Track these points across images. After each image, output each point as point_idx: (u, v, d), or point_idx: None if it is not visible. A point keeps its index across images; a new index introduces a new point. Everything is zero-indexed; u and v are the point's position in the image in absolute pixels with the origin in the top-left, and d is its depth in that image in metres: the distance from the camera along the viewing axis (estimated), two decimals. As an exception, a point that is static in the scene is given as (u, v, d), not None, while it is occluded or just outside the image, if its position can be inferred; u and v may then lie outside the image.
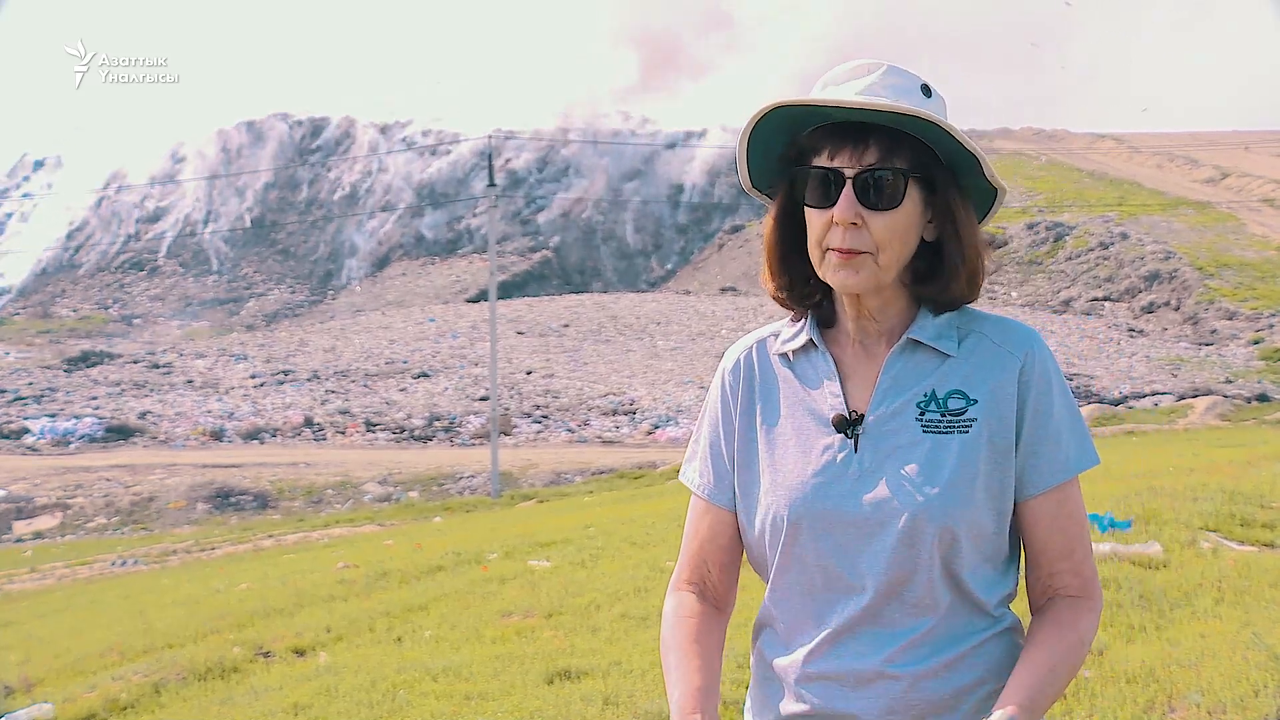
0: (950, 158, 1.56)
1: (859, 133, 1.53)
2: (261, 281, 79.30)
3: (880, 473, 1.53)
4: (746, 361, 1.69)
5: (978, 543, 1.53)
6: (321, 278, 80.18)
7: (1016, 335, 1.58)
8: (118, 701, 6.17)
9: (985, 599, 1.54)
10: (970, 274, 1.58)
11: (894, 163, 1.52)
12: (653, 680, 4.94)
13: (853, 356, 1.62)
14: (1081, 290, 49.43)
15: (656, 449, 29.02)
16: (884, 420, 1.56)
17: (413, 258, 79.85)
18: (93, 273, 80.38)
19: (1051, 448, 1.55)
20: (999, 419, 1.53)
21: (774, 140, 1.60)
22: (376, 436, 32.93)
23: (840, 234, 1.52)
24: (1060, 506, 1.56)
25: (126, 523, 24.84)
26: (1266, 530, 6.49)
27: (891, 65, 1.57)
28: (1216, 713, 3.71)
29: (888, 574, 1.51)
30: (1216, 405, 27.93)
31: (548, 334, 49.43)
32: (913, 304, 1.61)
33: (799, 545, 1.56)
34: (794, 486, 1.57)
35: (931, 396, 1.56)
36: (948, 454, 1.52)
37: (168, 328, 69.16)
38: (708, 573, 1.70)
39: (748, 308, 53.70)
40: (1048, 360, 1.57)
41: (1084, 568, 1.58)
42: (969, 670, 1.53)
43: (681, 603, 1.69)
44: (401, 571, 9.77)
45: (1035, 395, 1.54)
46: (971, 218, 1.60)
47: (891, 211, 1.52)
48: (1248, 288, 44.58)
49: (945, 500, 1.50)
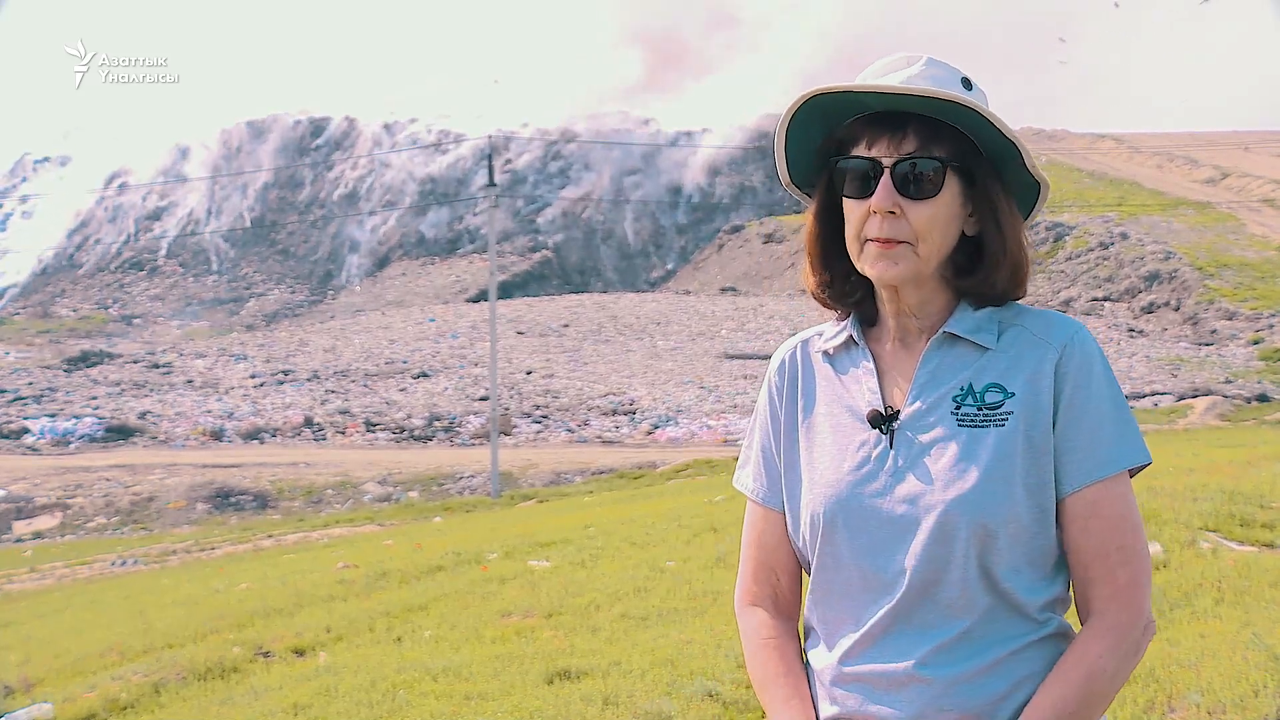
0: (991, 150, 1.54)
1: (898, 122, 1.51)
2: (261, 281, 79.30)
3: (914, 469, 1.51)
4: (791, 361, 1.68)
5: (1017, 541, 1.47)
6: (321, 278, 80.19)
7: (1057, 326, 1.54)
8: (117, 701, 6.17)
9: (1026, 602, 1.48)
10: (1013, 268, 1.55)
11: (933, 152, 1.50)
12: (653, 680, 4.94)
13: (892, 353, 1.60)
14: (1081, 290, 49.43)
15: (656, 449, 29.02)
16: (919, 415, 1.54)
17: (413, 258, 79.85)
18: (93, 272, 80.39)
19: (1088, 442, 1.49)
20: (1037, 411, 1.49)
21: (812, 134, 1.58)
22: (376, 436, 32.93)
23: (879, 223, 1.51)
24: (1095, 506, 1.48)
25: (126, 523, 24.83)
26: (1266, 530, 6.48)
27: (931, 58, 1.55)
28: (1216, 713, 3.70)
29: (919, 572, 1.48)
30: (1216, 405, 27.93)
31: (548, 334, 49.43)
32: (953, 300, 1.58)
33: (835, 543, 1.54)
34: (830, 484, 1.55)
35: (968, 390, 1.52)
36: (983, 448, 1.48)
37: (168, 328, 69.16)
38: (776, 581, 1.67)
39: (748, 308, 53.69)
40: (1091, 351, 1.52)
41: (1118, 575, 1.48)
42: (1005, 676, 1.47)
43: (761, 624, 1.66)
44: (401, 571, 9.77)
45: (1072, 387, 1.49)
46: (1014, 211, 1.57)
47: (930, 200, 1.50)
48: (1248, 288, 44.57)
49: (979, 495, 1.46)
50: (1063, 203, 60.71)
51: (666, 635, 5.80)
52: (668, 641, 5.64)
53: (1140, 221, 54.35)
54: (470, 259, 77.03)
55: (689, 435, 30.61)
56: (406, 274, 77.39)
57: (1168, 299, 45.74)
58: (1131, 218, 55.17)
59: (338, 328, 54.64)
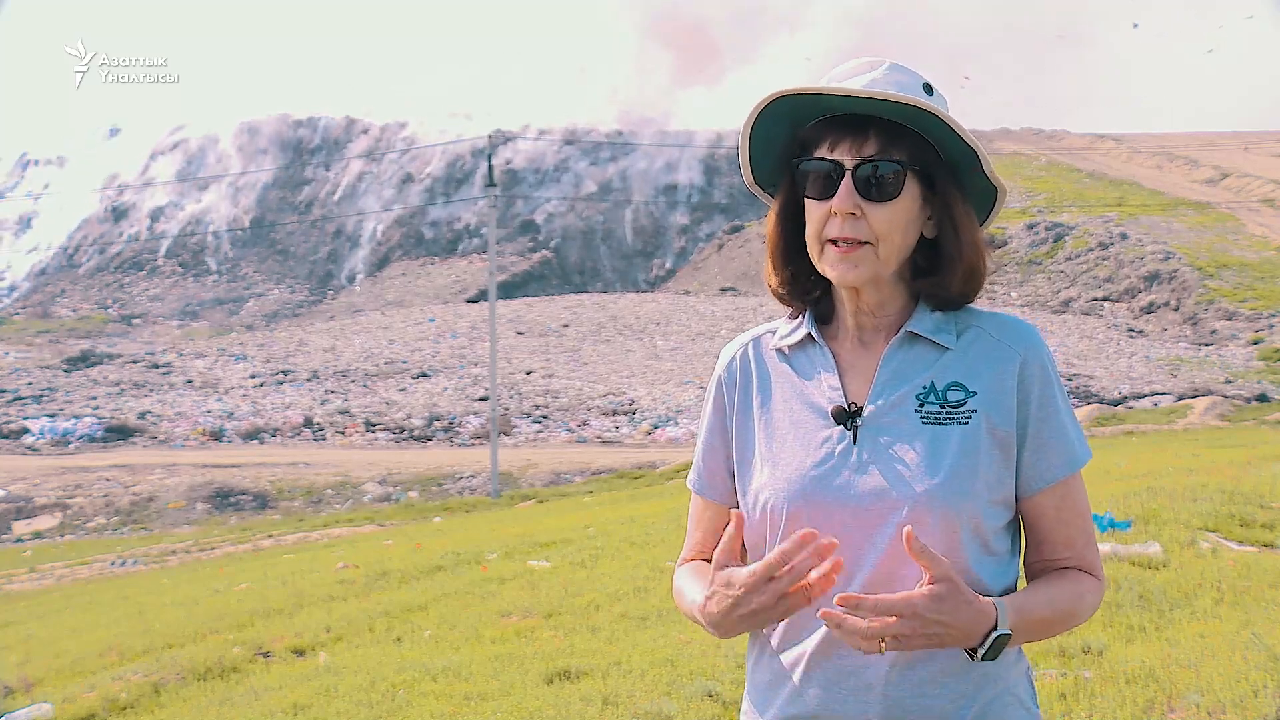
0: (951, 155, 1.57)
1: (860, 125, 1.54)
2: (261, 281, 79.29)
3: (879, 464, 1.53)
4: (743, 359, 1.70)
5: (979, 534, 1.53)
6: (321, 278, 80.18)
7: (1015, 331, 1.59)
8: (117, 701, 6.17)
9: (987, 591, 1.52)
10: (968, 271, 1.59)
11: (893, 155, 1.53)
12: (652, 680, 4.94)
13: (850, 351, 1.62)
14: (1081, 290, 49.43)
15: (656, 449, 29.02)
16: (883, 412, 1.56)
17: (412, 258, 79.85)
18: (93, 273, 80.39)
19: (1059, 442, 1.56)
20: (999, 412, 1.54)
21: (776, 135, 1.61)
22: (376, 436, 32.93)
23: (839, 224, 1.53)
24: (1064, 500, 1.57)
25: (126, 523, 24.83)
26: (1266, 530, 6.48)
27: (894, 63, 1.58)
28: (1216, 713, 3.70)
29: (885, 566, 1.50)
30: (1216, 405, 27.93)
31: (547, 334, 49.43)
32: (911, 300, 1.62)
33: None
34: (793, 479, 1.57)
35: (931, 388, 1.56)
36: (948, 445, 1.52)
37: (167, 328, 69.14)
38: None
39: (747, 308, 53.69)
40: (1046, 356, 1.58)
41: (1087, 553, 1.60)
42: (969, 673, 1.51)
43: (689, 565, 1.74)
44: (401, 572, 9.77)
45: (1039, 390, 1.55)
46: (971, 215, 1.60)
47: (890, 203, 1.53)
48: (1247, 288, 44.57)
49: (946, 490, 1.50)
50: (1063, 203, 60.73)
51: (666, 635, 5.80)
52: (668, 641, 5.64)
53: (1140, 222, 54.34)
54: (470, 259, 77.03)
55: (689, 435, 30.62)
56: (406, 274, 77.39)
57: (1167, 299, 45.74)
58: (1131, 218, 55.15)
59: (337, 328, 54.65)
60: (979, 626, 1.43)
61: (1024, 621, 1.48)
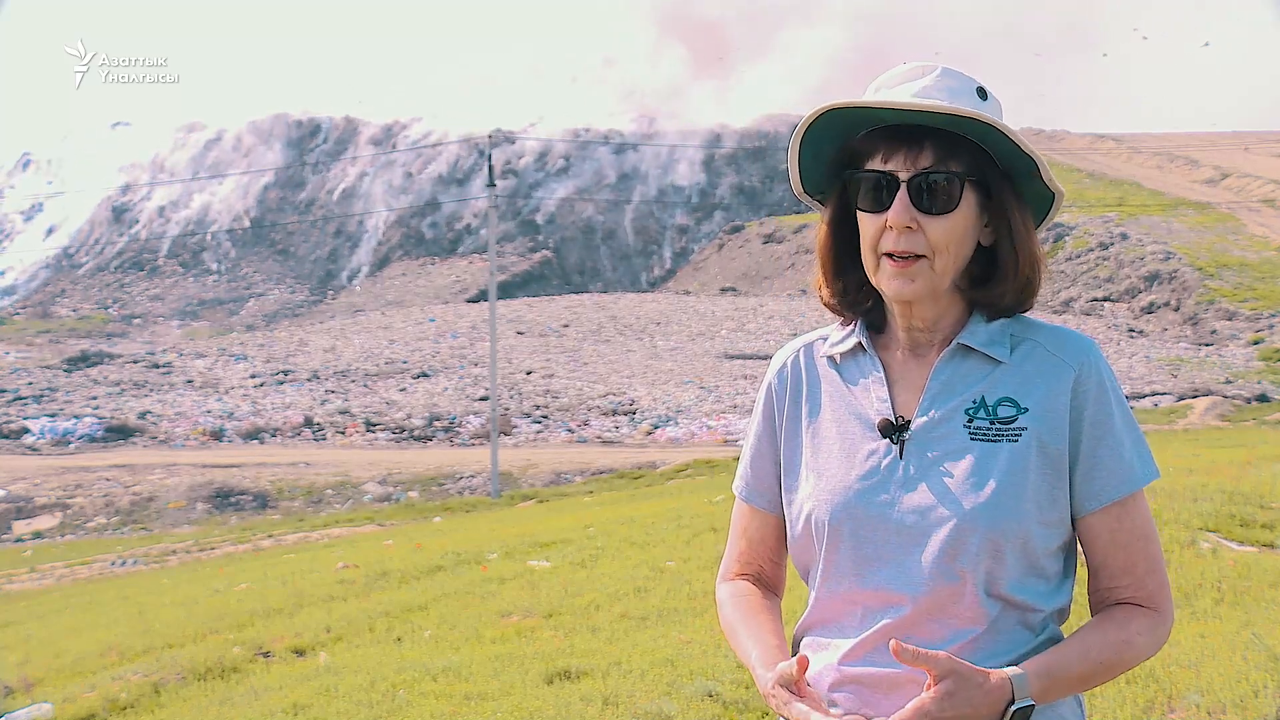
0: (1006, 161, 1.53)
1: (914, 135, 1.50)
2: (261, 281, 79.33)
3: (925, 479, 1.50)
4: (794, 365, 1.67)
5: (1024, 555, 1.49)
6: (321, 278, 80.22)
7: (1072, 344, 1.54)
8: (117, 701, 6.16)
9: (1032, 613, 1.50)
10: (1025, 280, 1.55)
11: (949, 166, 1.50)
12: (653, 680, 4.94)
13: (901, 361, 1.59)
14: (1081, 290, 49.43)
15: (656, 449, 29.00)
16: (931, 426, 1.53)
17: (413, 258, 79.89)
18: (93, 273, 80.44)
19: (1113, 461, 1.51)
20: (1051, 429, 1.49)
21: (825, 144, 1.57)
22: (376, 436, 32.93)
23: (894, 237, 1.50)
24: (1120, 521, 1.51)
25: (126, 523, 24.83)
26: (1266, 531, 6.48)
27: (946, 68, 1.54)
28: (1216, 713, 3.70)
29: (929, 584, 1.48)
30: (1216, 406, 27.93)
31: (548, 334, 49.44)
32: (965, 310, 1.58)
33: (839, 550, 1.54)
34: (836, 490, 1.54)
35: (981, 403, 1.52)
36: (995, 462, 1.48)
37: (168, 328, 69.17)
38: (760, 568, 1.71)
39: (747, 308, 53.70)
40: (1104, 371, 1.53)
41: (1148, 582, 1.52)
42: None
43: (737, 587, 1.70)
44: (401, 572, 9.76)
45: (1094, 407, 1.51)
46: (1028, 223, 1.57)
47: (947, 215, 1.50)
48: (1247, 288, 44.56)
49: (991, 510, 1.46)
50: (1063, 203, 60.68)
51: (666, 635, 5.80)
52: (668, 641, 5.64)
53: (1140, 222, 54.33)
54: (470, 259, 77.06)
55: (689, 435, 30.62)
56: (406, 274, 77.42)
57: (1168, 299, 45.74)
58: (1131, 218, 55.15)
59: (337, 328, 54.65)
60: (997, 704, 1.40)
61: (1054, 683, 1.44)
